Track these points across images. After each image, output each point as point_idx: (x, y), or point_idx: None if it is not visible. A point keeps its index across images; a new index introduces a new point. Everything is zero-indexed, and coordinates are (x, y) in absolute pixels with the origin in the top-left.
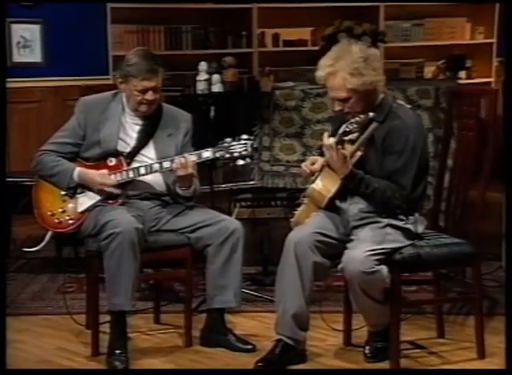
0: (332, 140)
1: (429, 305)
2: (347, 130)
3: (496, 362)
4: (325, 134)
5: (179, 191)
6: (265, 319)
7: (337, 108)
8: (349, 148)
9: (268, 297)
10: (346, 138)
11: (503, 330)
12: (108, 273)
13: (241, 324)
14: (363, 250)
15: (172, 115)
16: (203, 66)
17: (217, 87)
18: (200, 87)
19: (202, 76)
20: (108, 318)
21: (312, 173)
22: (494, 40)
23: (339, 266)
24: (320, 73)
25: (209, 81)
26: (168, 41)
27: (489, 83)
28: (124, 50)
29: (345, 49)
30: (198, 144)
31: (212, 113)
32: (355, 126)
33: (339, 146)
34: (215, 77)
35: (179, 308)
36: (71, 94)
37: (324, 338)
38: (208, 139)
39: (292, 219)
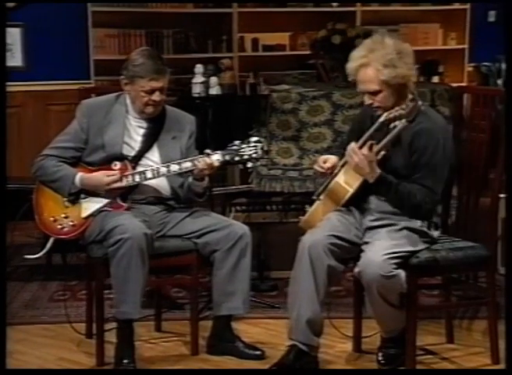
0: (353, 144)
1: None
2: (391, 116)
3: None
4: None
5: (192, 185)
6: (269, 325)
7: (367, 101)
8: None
9: (270, 303)
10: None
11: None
12: (115, 281)
13: (246, 331)
14: (381, 253)
15: (176, 117)
16: (199, 68)
17: (215, 90)
18: (197, 89)
19: (198, 78)
20: (108, 326)
21: (329, 172)
22: (466, 45)
23: (356, 270)
24: (352, 64)
25: (205, 84)
26: (150, 45)
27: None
28: (105, 54)
29: (378, 41)
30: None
31: (210, 116)
32: (402, 112)
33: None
34: (213, 80)
35: (179, 315)
36: (52, 99)
37: (332, 345)
38: (205, 142)
39: (302, 218)
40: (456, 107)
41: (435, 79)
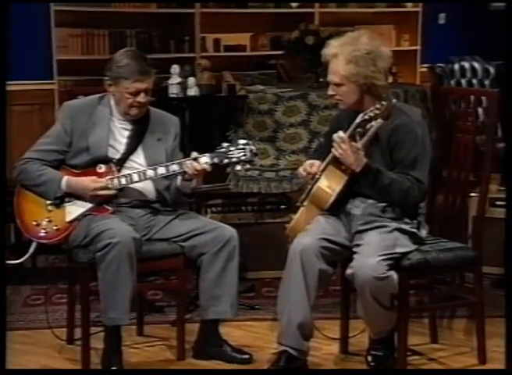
0: (342, 133)
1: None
2: (367, 117)
3: (497, 366)
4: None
5: (181, 186)
6: (252, 327)
7: (330, 92)
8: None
9: (250, 304)
10: (360, 130)
11: (494, 333)
12: (103, 286)
13: (229, 334)
14: (374, 255)
15: (160, 119)
16: (175, 69)
17: (193, 91)
18: (173, 90)
19: (175, 79)
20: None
21: (312, 176)
22: (418, 47)
23: (349, 272)
24: (325, 50)
25: (182, 85)
26: (113, 45)
27: None
28: (69, 54)
29: (355, 37)
30: None
31: (187, 117)
32: (377, 112)
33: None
34: (191, 80)
35: (160, 318)
36: (15, 99)
37: (318, 347)
38: (182, 144)
39: (288, 226)
40: (440, 108)
41: (389, 79)
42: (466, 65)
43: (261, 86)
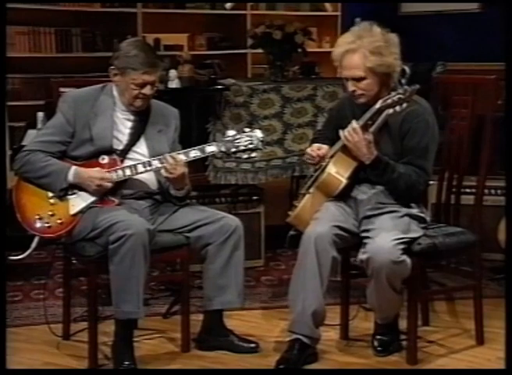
0: (355, 124)
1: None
2: (389, 102)
3: (496, 347)
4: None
5: (172, 191)
6: (244, 316)
7: (351, 88)
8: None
9: None
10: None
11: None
12: (116, 279)
13: None
14: (389, 239)
15: (161, 110)
16: None
17: (174, 84)
18: None
19: None
20: (80, 327)
21: (319, 159)
22: None
23: (364, 257)
24: (338, 49)
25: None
26: (59, 44)
27: None
28: (15, 51)
29: (367, 29)
30: None
31: None
32: (401, 97)
33: (366, 129)
34: (172, 73)
35: (150, 311)
36: None
37: None
38: None
39: (292, 213)
40: (439, 95)
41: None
42: None
43: (232, 79)
